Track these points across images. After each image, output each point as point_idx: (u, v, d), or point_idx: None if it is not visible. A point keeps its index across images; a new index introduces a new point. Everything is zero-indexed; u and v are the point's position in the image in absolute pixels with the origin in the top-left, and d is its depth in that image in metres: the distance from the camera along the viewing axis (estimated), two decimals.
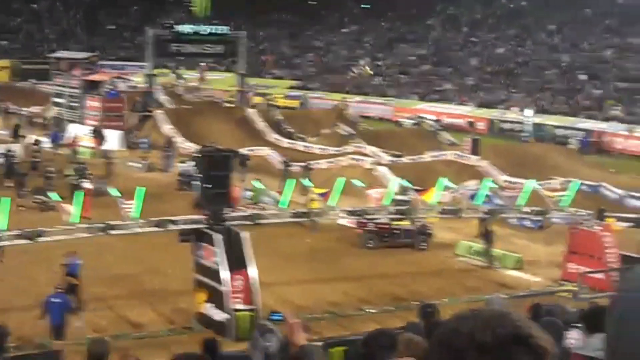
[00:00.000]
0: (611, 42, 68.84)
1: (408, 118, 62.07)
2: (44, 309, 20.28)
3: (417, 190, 31.92)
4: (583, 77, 65.67)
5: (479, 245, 29.52)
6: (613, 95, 60.95)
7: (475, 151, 44.27)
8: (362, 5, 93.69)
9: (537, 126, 57.12)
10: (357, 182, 31.19)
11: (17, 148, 45.42)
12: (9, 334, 14.76)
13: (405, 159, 44.35)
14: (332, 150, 48.41)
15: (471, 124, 57.89)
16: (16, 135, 49.92)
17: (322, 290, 25.20)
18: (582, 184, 33.71)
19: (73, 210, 22.79)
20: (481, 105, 65.46)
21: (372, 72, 73.04)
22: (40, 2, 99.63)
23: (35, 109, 62.28)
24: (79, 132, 50.82)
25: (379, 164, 42.64)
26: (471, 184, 36.60)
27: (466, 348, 1.86)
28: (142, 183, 33.10)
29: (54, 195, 25.99)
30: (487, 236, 28.84)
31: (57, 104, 56.94)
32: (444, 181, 30.98)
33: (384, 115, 66.84)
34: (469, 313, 1.92)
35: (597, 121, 56.80)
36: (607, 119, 56.88)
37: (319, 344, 14.89)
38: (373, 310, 23.50)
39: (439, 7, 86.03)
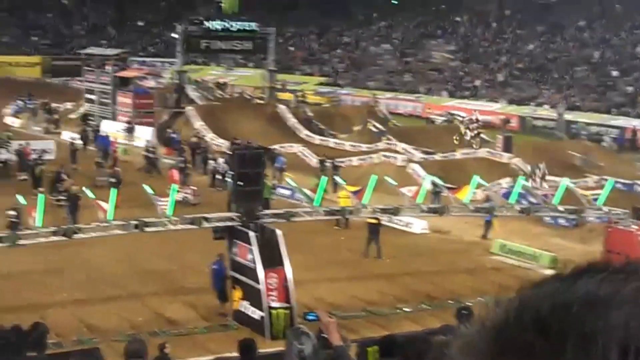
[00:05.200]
0: None
1: (439, 115, 61.83)
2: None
3: (449, 188, 31.74)
4: (615, 73, 65.17)
5: (514, 243, 29.36)
6: None
7: (507, 149, 44.00)
8: (391, 1, 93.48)
9: (569, 123, 56.72)
10: (390, 180, 31.08)
11: (51, 145, 45.91)
12: (48, 331, 14.84)
13: (437, 156, 44.14)
14: (364, 147, 48.26)
15: (506, 121, 57.46)
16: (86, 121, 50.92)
17: (357, 289, 25.16)
18: (616, 182, 33.40)
19: (108, 207, 22.84)
20: (512, 102, 65.10)
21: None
22: None
23: (68, 106, 62.74)
24: (111, 129, 51.13)
25: (411, 161, 42.48)
26: (504, 181, 36.39)
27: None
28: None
29: (89, 193, 26.04)
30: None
31: (88, 101, 57.22)
32: (477, 179, 30.81)
33: (414, 112, 66.61)
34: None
35: (630, 118, 56.33)
36: None
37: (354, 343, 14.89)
38: (408, 309, 23.43)
39: (467, 2, 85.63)
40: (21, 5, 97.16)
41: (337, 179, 34.78)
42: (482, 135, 48.22)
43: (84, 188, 28.15)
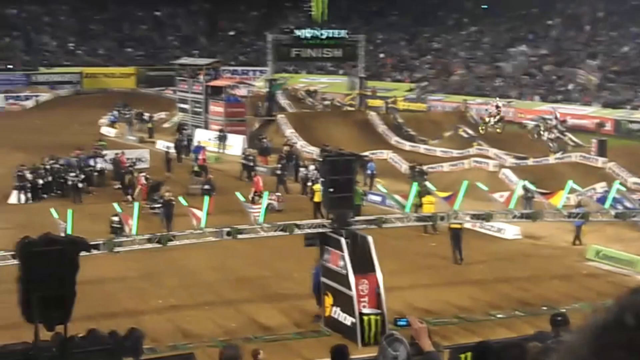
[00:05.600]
0: None
1: (531, 120, 61.01)
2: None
3: (542, 194, 31.30)
4: None
5: (609, 249, 28.82)
6: None
7: (601, 153, 43.23)
8: (481, 6, 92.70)
9: None
10: (481, 185, 30.84)
11: (146, 154, 46.80)
12: (144, 337, 15.16)
13: (529, 161, 43.63)
14: (455, 153, 48.00)
15: (601, 125, 56.42)
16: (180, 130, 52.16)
17: (448, 295, 25.01)
18: None
19: (202, 214, 23.19)
20: (606, 105, 63.90)
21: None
22: (163, 9, 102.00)
23: (161, 115, 63.92)
24: (204, 137, 51.89)
25: (503, 166, 42.08)
26: (599, 186, 35.76)
27: None
28: (265, 188, 33.61)
29: (182, 201, 26.51)
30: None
31: (182, 110, 58.18)
32: (571, 183, 30.34)
33: (505, 116, 65.74)
34: None
35: None
36: None
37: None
38: (501, 316, 23.21)
39: (559, 5, 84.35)
40: (116, 18, 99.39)
41: (428, 184, 34.66)
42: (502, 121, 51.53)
43: (179, 197, 28.72)
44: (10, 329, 18.13)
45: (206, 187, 36.64)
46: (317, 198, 33.60)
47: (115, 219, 27.13)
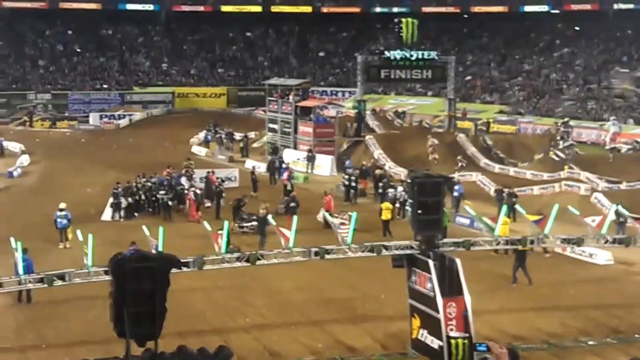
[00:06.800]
0: None
1: (624, 143, 59.88)
2: None
3: (636, 219, 30.64)
4: None
5: None
6: None
7: None
8: (574, 27, 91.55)
9: None
10: (572, 209, 30.37)
11: (235, 173, 47.25)
12: (233, 355, 15.27)
13: (622, 186, 42.77)
14: (545, 176, 47.35)
15: None
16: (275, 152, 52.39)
17: (537, 320, 24.60)
18: None
19: (290, 234, 23.27)
20: None
21: None
22: (254, 31, 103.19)
23: (251, 135, 64.58)
24: (293, 157, 52.21)
25: (595, 190, 41.34)
26: None
27: None
28: (354, 208, 33.68)
29: (271, 220, 26.68)
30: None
31: (271, 130, 58.68)
32: None
33: (598, 140, 64.64)
34: None
35: None
36: None
37: None
38: (592, 343, 22.74)
39: None
40: (208, 39, 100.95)
41: (518, 207, 34.23)
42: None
43: (268, 216, 28.95)
44: (103, 344, 18.52)
45: (292, 204, 36.97)
46: (385, 216, 35.14)
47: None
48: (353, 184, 44.00)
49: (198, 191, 39.78)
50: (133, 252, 15.18)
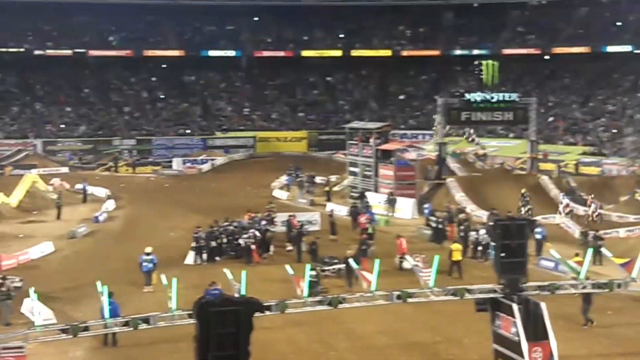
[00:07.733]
0: None
1: None
2: None
3: None
4: None
5: None
6: None
7: None
8: None
9: None
10: None
11: (317, 216, 47.31)
12: None
13: None
14: (632, 218, 46.46)
15: None
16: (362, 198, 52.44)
17: None
18: None
19: (372, 277, 23.20)
20: None
21: None
22: (334, 75, 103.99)
23: (332, 178, 64.81)
24: (374, 201, 52.17)
25: None
26: None
27: None
28: (438, 251, 33.49)
29: (352, 263, 26.69)
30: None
31: (352, 173, 58.81)
32: None
33: None
34: None
35: None
36: None
37: None
38: None
39: None
40: (289, 84, 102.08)
41: (604, 250, 33.61)
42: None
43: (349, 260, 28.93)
44: None
45: (363, 247, 36.96)
46: (455, 257, 35.20)
47: (313, 273, 27.47)
48: (440, 226, 43.70)
49: (258, 234, 39.82)
50: (217, 296, 15.30)
